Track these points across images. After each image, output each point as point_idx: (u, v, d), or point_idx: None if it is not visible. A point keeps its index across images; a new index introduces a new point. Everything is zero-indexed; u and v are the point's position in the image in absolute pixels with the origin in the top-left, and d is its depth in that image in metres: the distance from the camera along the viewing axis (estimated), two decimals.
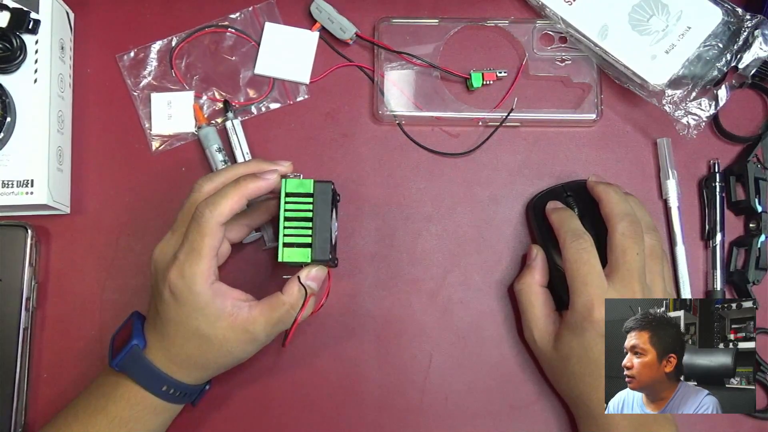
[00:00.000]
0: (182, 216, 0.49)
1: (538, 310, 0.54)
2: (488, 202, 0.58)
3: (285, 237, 0.48)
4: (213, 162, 0.57)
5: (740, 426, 0.55)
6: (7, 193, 0.54)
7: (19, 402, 0.54)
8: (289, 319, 0.48)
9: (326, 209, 0.48)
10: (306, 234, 0.48)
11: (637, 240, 0.50)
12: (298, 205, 0.48)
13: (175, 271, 0.46)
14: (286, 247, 0.48)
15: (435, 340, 0.57)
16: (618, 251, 0.50)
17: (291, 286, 0.48)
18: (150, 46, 0.60)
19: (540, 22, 0.60)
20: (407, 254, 0.58)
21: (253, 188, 0.47)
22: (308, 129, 0.59)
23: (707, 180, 0.58)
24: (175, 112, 0.59)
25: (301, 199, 0.48)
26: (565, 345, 0.51)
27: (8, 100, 0.54)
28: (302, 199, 0.48)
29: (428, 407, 0.56)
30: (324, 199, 0.48)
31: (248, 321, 0.47)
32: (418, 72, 0.59)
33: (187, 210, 0.48)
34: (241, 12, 0.60)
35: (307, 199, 0.48)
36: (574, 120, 0.59)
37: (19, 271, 0.55)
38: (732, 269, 0.57)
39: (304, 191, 0.48)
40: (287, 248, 0.48)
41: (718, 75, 0.55)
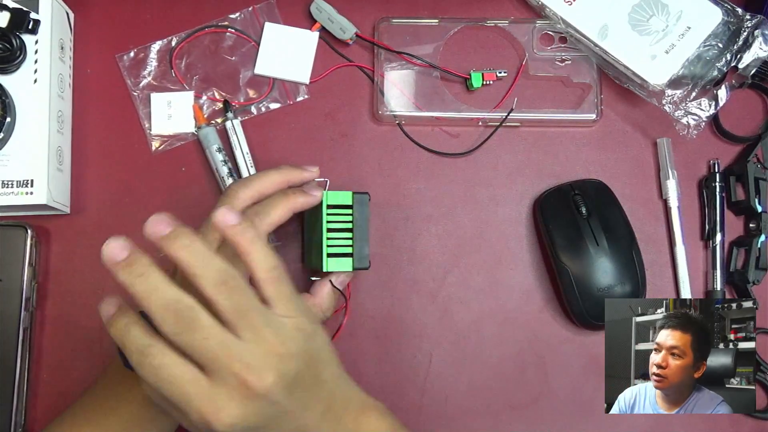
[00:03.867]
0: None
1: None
2: (488, 202, 0.58)
3: (328, 248, 0.50)
4: (213, 162, 0.57)
5: (740, 426, 0.55)
6: (7, 193, 0.54)
7: (19, 402, 0.54)
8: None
9: (364, 219, 0.51)
10: (347, 244, 0.50)
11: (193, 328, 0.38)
12: (338, 216, 0.51)
13: None
14: (330, 257, 0.50)
15: (435, 340, 0.57)
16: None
17: (321, 289, 0.51)
18: (150, 46, 0.60)
19: (540, 22, 0.60)
20: (407, 254, 0.58)
21: (302, 203, 0.50)
22: (308, 129, 0.59)
23: (707, 180, 0.58)
24: (175, 112, 0.59)
25: (341, 210, 0.51)
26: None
27: (8, 100, 0.54)
28: (342, 210, 0.51)
29: (428, 407, 0.56)
30: (362, 210, 0.51)
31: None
32: (418, 72, 0.59)
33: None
34: (241, 12, 0.60)
35: (346, 211, 0.51)
36: (574, 120, 0.59)
37: (19, 271, 0.55)
38: (732, 269, 0.57)
39: (344, 203, 0.51)
40: (331, 258, 0.50)
41: (718, 75, 0.55)
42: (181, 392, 0.37)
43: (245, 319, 0.38)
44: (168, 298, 0.37)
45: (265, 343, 0.38)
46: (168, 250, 0.38)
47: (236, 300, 0.38)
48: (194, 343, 0.37)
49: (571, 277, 0.54)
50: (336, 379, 0.43)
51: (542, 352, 0.57)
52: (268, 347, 0.38)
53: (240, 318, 0.38)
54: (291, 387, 0.39)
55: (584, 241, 0.54)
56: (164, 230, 0.38)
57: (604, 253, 0.54)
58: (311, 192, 0.50)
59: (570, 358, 0.56)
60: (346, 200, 0.51)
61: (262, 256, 0.40)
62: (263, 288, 0.40)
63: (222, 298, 0.37)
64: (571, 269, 0.54)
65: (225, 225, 0.40)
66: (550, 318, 0.57)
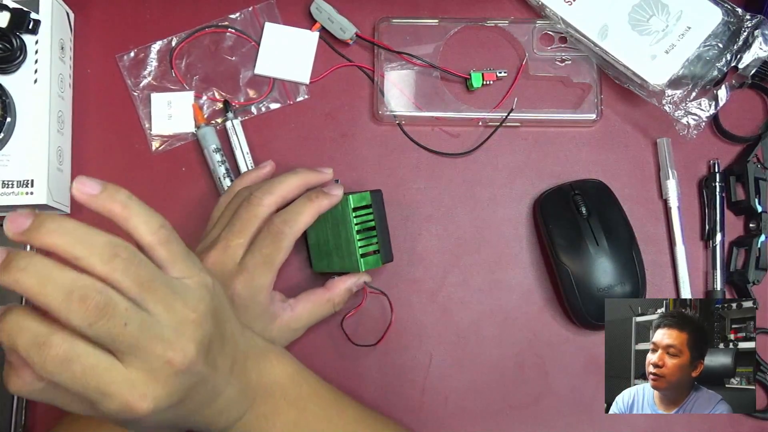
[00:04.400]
0: (240, 228, 0.49)
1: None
2: (488, 202, 0.58)
3: (360, 249, 0.51)
4: (211, 162, 0.57)
5: (740, 426, 0.55)
6: (7, 193, 0.54)
7: (19, 402, 0.54)
8: (328, 314, 0.52)
9: (383, 215, 0.53)
10: (373, 242, 0.52)
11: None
12: (362, 217, 0.52)
13: (243, 280, 0.48)
14: (363, 257, 0.52)
15: (435, 340, 0.57)
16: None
17: (338, 285, 0.53)
18: (150, 46, 0.60)
19: (540, 22, 0.59)
20: (407, 254, 0.58)
21: (326, 205, 0.50)
22: (308, 129, 0.59)
23: (707, 180, 0.58)
24: (175, 112, 0.59)
25: (363, 211, 0.52)
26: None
27: (8, 100, 0.54)
28: (364, 210, 0.52)
29: (428, 407, 0.56)
30: (379, 207, 0.53)
31: (293, 319, 0.51)
32: (418, 72, 0.59)
33: (248, 222, 0.49)
34: (241, 12, 0.60)
35: (367, 210, 0.52)
36: (574, 120, 0.59)
37: None
38: (732, 269, 0.57)
39: (365, 203, 0.52)
40: (363, 258, 0.52)
41: (718, 75, 0.55)
42: (98, 383, 0.33)
43: (151, 293, 0.34)
44: (68, 285, 0.31)
45: (177, 313, 0.35)
46: (37, 243, 0.32)
47: (134, 272, 0.33)
48: (113, 331, 0.32)
49: (571, 277, 0.54)
50: (237, 333, 0.42)
51: (542, 352, 0.57)
52: (181, 317, 0.35)
53: (145, 292, 0.34)
54: (206, 352, 0.37)
55: (584, 241, 0.54)
56: (24, 223, 0.32)
57: (604, 253, 0.54)
58: (332, 192, 0.51)
59: (570, 358, 0.56)
60: (365, 201, 0.52)
61: (144, 217, 0.35)
62: (154, 252, 0.35)
63: (119, 274, 0.33)
64: (571, 269, 0.54)
65: (88, 196, 0.34)
66: (550, 318, 0.57)
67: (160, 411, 0.35)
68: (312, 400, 0.44)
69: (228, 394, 0.40)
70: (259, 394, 0.42)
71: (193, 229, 0.56)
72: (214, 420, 0.41)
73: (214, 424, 0.41)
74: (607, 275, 0.53)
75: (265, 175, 0.55)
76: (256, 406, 0.42)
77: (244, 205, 0.50)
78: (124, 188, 0.35)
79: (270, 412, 0.42)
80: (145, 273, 0.34)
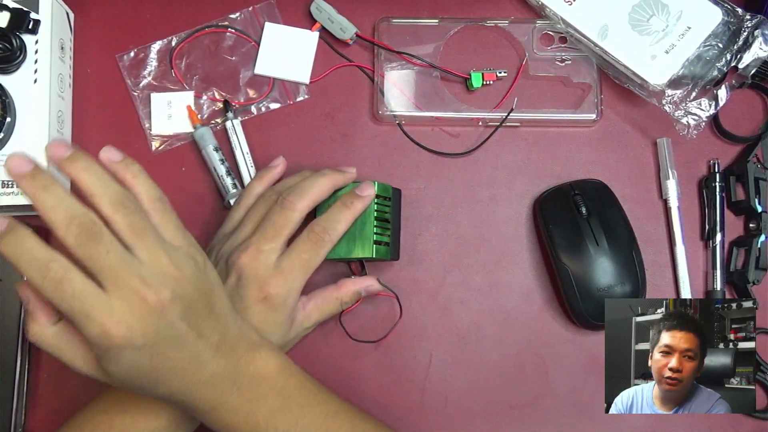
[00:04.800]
0: (274, 233, 0.50)
1: (67, 354, 0.42)
2: (488, 202, 0.58)
3: (375, 235, 0.52)
4: (210, 161, 0.57)
5: (740, 426, 0.55)
6: (7, 193, 0.54)
7: (19, 402, 0.54)
8: (336, 312, 0.54)
9: (398, 214, 0.55)
10: (387, 234, 0.53)
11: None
12: (382, 207, 0.53)
13: (280, 282, 0.49)
14: (376, 244, 0.52)
15: (435, 340, 0.57)
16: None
17: (349, 286, 0.53)
18: (150, 46, 0.60)
19: (540, 22, 0.60)
20: (407, 254, 0.57)
21: (360, 208, 0.52)
22: (308, 129, 0.59)
23: (707, 180, 0.58)
24: (175, 112, 0.59)
25: (384, 201, 0.53)
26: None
27: (8, 100, 0.54)
28: (385, 201, 0.53)
29: (428, 407, 0.56)
30: (397, 204, 0.54)
31: (305, 317, 0.52)
32: (418, 72, 0.59)
33: (282, 227, 0.50)
34: (241, 12, 0.60)
35: (387, 202, 0.54)
36: (574, 120, 0.59)
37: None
38: (732, 269, 0.57)
39: (386, 195, 0.53)
40: (377, 245, 0.52)
41: (718, 75, 0.55)
42: (83, 305, 0.37)
43: (141, 239, 0.39)
44: (73, 211, 0.38)
45: (159, 263, 0.39)
46: (68, 171, 0.39)
47: (132, 219, 0.39)
48: (96, 255, 0.37)
49: (571, 277, 0.54)
50: (228, 315, 0.44)
51: (542, 352, 0.57)
52: (163, 268, 0.39)
53: (136, 237, 0.39)
54: (186, 311, 0.40)
55: (584, 241, 0.54)
56: (65, 153, 0.39)
57: (604, 253, 0.54)
58: (365, 194, 0.52)
59: (570, 358, 0.56)
60: (387, 192, 0.54)
61: (147, 187, 0.42)
62: (149, 217, 0.41)
63: (119, 217, 0.39)
64: (571, 269, 0.54)
65: (110, 161, 0.41)
66: (550, 318, 0.57)
67: (135, 347, 0.38)
68: (297, 391, 0.46)
69: (214, 369, 0.42)
70: (247, 380, 0.44)
71: (193, 228, 0.56)
72: (200, 393, 0.42)
73: (201, 399, 0.43)
74: (607, 275, 0.53)
75: (279, 173, 0.56)
76: (244, 390, 0.44)
77: (276, 209, 0.51)
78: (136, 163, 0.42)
79: (256, 397, 0.44)
80: (140, 223, 0.39)
